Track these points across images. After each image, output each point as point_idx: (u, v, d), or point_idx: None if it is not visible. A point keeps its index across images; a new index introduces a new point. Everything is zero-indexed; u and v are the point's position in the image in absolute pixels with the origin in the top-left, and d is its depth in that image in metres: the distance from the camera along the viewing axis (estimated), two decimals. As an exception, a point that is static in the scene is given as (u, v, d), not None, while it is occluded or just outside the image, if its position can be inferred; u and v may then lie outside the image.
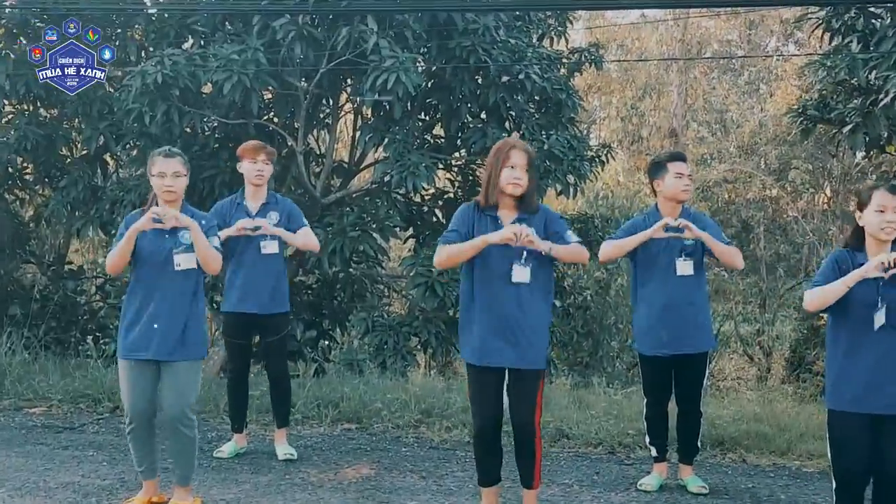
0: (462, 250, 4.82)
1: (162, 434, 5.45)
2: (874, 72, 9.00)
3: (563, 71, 11.09)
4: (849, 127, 9.55)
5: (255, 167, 6.42)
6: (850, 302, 4.44)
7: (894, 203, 4.39)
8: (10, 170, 11.05)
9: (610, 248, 5.77)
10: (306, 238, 6.53)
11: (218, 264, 5.26)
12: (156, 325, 5.14)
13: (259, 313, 6.45)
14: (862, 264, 4.41)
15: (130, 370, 5.21)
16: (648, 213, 6.03)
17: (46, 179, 11.40)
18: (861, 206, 4.52)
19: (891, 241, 4.43)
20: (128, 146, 10.50)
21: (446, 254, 4.86)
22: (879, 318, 4.43)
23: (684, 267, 5.80)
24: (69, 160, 11.09)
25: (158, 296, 5.16)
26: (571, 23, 12.05)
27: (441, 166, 10.95)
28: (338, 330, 11.34)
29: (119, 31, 10.62)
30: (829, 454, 4.70)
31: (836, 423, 4.58)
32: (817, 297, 4.43)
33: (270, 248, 6.43)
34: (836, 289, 4.37)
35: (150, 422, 5.29)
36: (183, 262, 5.17)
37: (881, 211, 4.41)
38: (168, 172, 5.15)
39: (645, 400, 6.11)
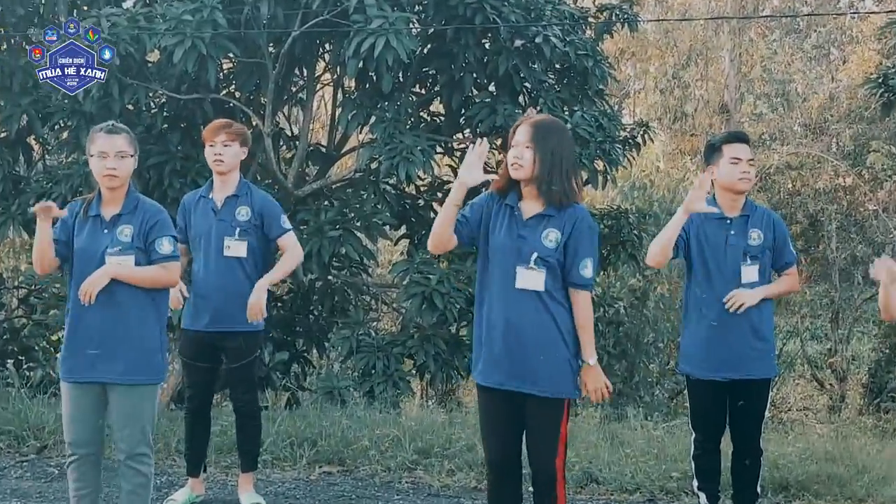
0: (440, 217, 4.87)
1: (108, 474, 5.44)
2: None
3: (589, 33, 11.10)
4: (940, 101, 9.55)
5: (213, 151, 6.36)
6: None
7: None
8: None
9: (652, 247, 5.78)
10: (284, 261, 6.56)
11: (169, 279, 5.25)
12: (97, 341, 5.10)
13: (220, 331, 6.37)
14: None
15: (72, 393, 5.18)
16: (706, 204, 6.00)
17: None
18: None
19: None
20: (57, 127, 10.46)
21: (433, 229, 4.93)
22: None
23: (749, 273, 5.80)
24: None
25: (97, 306, 5.05)
26: (601, -27, 12.03)
27: (440, 150, 10.91)
28: (314, 351, 11.31)
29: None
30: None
31: None
32: None
33: (236, 248, 6.35)
34: None
35: (97, 456, 5.27)
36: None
37: None
38: (111, 152, 5.10)
39: (693, 435, 6.07)
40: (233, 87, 10.73)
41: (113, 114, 9.45)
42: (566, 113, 10.27)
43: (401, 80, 10.34)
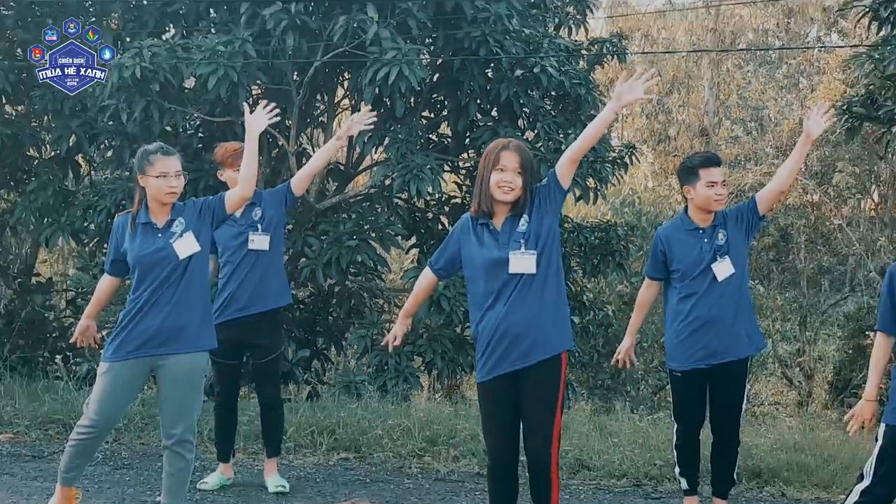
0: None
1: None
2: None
3: (582, 64, 10.99)
4: (899, 125, 9.55)
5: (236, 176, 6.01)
6: None
7: None
8: (-29, 172, 11.05)
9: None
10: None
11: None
12: (160, 321, 5.17)
13: (243, 317, 6.32)
14: None
15: (116, 371, 5.21)
16: (680, 218, 6.05)
17: (12, 183, 11.34)
18: None
19: None
20: (102, 146, 10.44)
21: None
22: None
23: (723, 268, 5.78)
24: (37, 161, 11.04)
25: (165, 294, 5.19)
26: (591, 11, 12.00)
27: (447, 168, 10.85)
28: (333, 349, 11.22)
29: (94, 19, 10.55)
30: (871, 470, 4.77)
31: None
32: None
33: (259, 242, 6.35)
34: None
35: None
36: (182, 248, 5.19)
37: None
38: (171, 172, 5.15)
39: (675, 426, 6.03)
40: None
41: (153, 135, 9.41)
42: (561, 135, 10.19)
43: (412, 105, 10.22)
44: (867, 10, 9.89)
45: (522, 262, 4.77)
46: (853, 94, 10.51)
